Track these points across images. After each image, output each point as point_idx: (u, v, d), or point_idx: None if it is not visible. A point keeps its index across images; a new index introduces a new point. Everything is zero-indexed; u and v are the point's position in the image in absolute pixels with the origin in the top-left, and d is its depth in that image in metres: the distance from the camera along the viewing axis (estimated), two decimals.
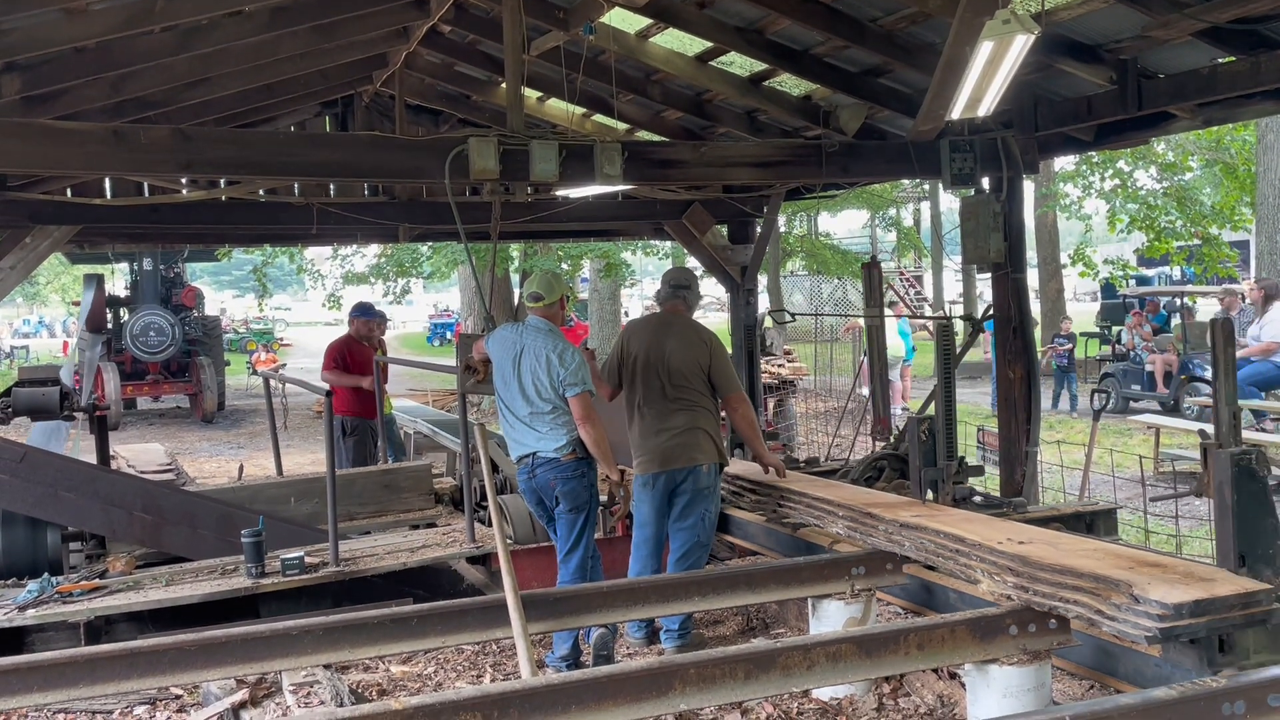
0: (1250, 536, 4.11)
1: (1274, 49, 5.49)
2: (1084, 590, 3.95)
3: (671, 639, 5.73)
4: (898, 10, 6.27)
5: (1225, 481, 4.11)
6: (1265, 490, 4.15)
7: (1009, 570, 4.28)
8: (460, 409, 6.72)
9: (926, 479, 5.76)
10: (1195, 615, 3.64)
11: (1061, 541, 4.62)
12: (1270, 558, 4.11)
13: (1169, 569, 4.07)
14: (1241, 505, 4.12)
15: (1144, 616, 3.69)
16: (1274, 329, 11.35)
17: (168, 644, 4.12)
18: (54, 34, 5.45)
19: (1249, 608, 3.74)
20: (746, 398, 6.12)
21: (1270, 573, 4.07)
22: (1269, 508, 4.15)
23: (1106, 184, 17.21)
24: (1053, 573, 4.09)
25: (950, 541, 4.71)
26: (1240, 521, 4.12)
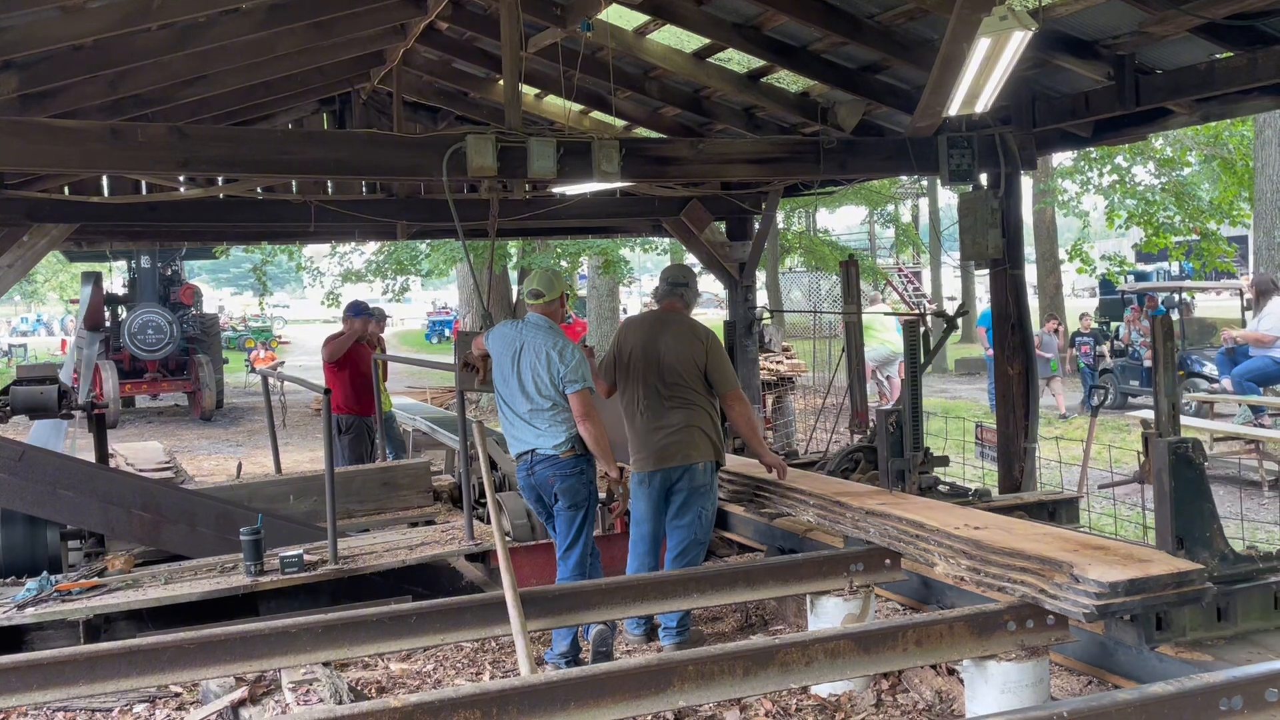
0: (1187, 520, 4.31)
1: (1271, 45, 5.49)
2: (1030, 571, 4.15)
3: (670, 636, 5.73)
4: (895, 6, 6.27)
5: (1163, 469, 4.31)
6: (1202, 477, 4.35)
7: (963, 554, 4.50)
8: (459, 406, 6.72)
9: (894, 469, 5.97)
10: (1130, 593, 3.84)
11: (1015, 527, 4.83)
12: (1207, 540, 4.32)
13: (1111, 551, 4.29)
14: (1179, 491, 4.32)
15: (1083, 595, 3.88)
16: (1270, 322, 11.36)
17: (167, 642, 4.12)
18: (51, 32, 5.44)
19: (1182, 586, 3.95)
20: (744, 396, 6.11)
21: (1206, 554, 4.27)
22: (1205, 494, 4.36)
23: (1105, 180, 17.21)
24: (1003, 555, 4.29)
25: (911, 527, 4.91)
26: (1178, 506, 4.31)
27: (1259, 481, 9.57)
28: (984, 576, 4.35)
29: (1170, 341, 4.55)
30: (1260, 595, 4.35)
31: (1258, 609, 4.35)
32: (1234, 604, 4.31)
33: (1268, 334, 11.33)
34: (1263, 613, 4.35)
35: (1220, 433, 10.48)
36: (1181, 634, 4.20)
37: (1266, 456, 9.71)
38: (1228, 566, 4.33)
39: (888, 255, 38.08)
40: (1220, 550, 4.35)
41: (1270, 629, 4.33)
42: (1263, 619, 4.33)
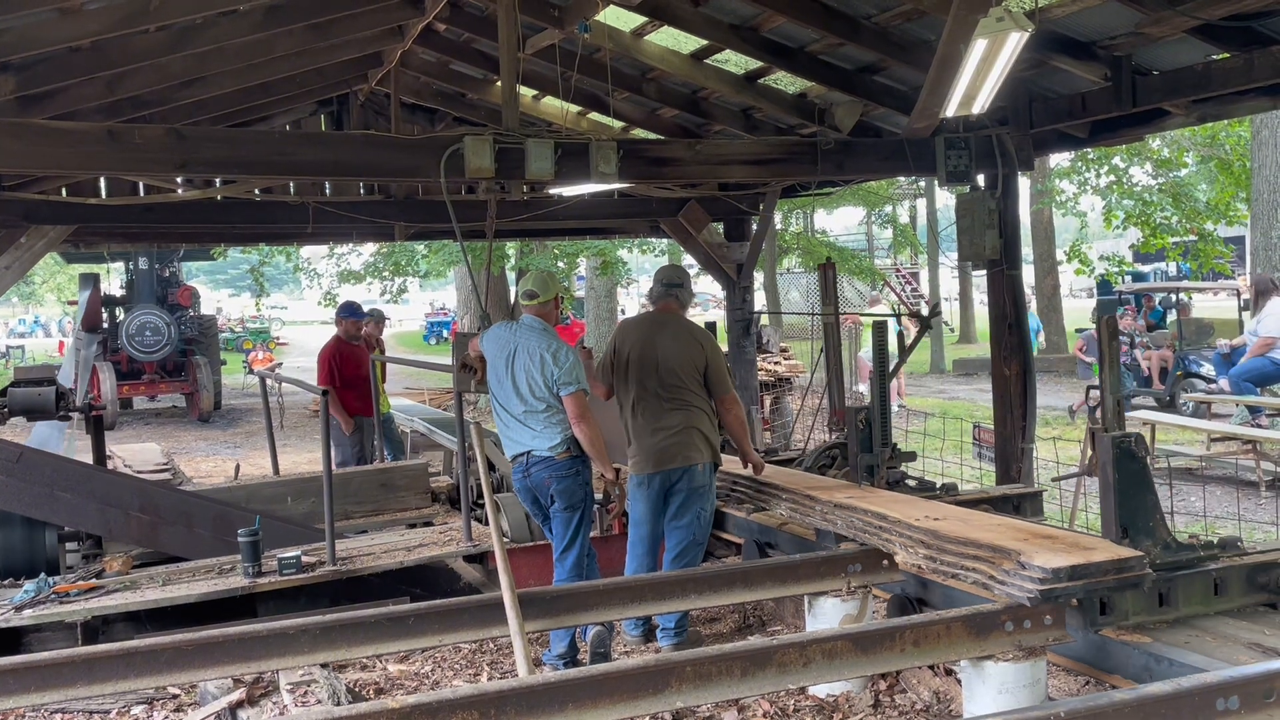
0: (1131, 511, 4.50)
1: (1267, 45, 5.50)
2: (981, 559, 4.34)
3: (668, 637, 5.73)
4: (892, 7, 6.27)
5: (1108, 462, 4.51)
6: (1145, 469, 4.55)
7: (921, 543, 4.68)
8: (457, 408, 6.72)
9: (863, 464, 6.21)
10: (1072, 579, 4.03)
11: (972, 519, 5.00)
12: (1150, 529, 4.50)
13: (1058, 540, 4.46)
14: (1122, 483, 4.50)
15: (1028, 580, 4.06)
16: (1270, 324, 11.37)
17: (165, 644, 4.12)
18: (49, 33, 5.45)
19: (1122, 572, 4.13)
20: (739, 400, 6.13)
21: (1149, 543, 4.45)
22: (1148, 485, 4.55)
23: (1102, 180, 17.23)
24: (957, 544, 4.48)
25: (875, 519, 5.09)
26: (1121, 497, 4.50)
27: (1256, 482, 9.58)
28: (939, 564, 4.55)
29: (1115, 342, 4.75)
30: (1201, 581, 4.53)
31: (1198, 594, 4.52)
32: (1175, 590, 4.48)
33: (1269, 337, 11.34)
34: (1203, 598, 4.52)
35: (1217, 433, 10.48)
36: (1124, 618, 4.36)
37: (1263, 457, 9.72)
38: (1170, 554, 4.52)
39: (885, 256, 38.09)
40: (1163, 539, 4.54)
41: (1210, 614, 4.49)
42: (1203, 604, 4.51)
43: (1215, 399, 12.12)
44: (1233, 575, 4.59)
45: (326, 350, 9.45)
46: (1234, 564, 4.62)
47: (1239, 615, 4.53)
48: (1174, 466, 9.78)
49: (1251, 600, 4.60)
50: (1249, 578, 4.62)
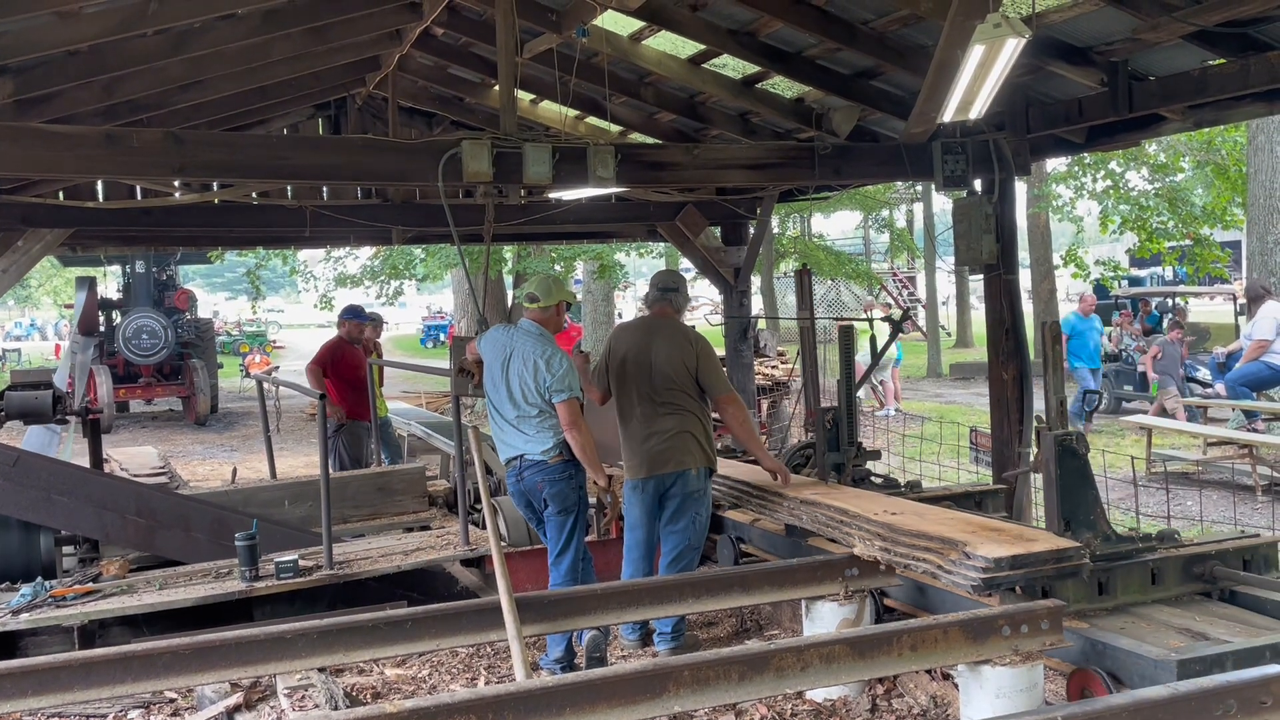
0: (1072, 504, 4.78)
1: (1263, 51, 5.51)
2: (931, 550, 4.58)
3: (665, 641, 5.73)
4: (890, 13, 6.28)
5: (1050, 459, 4.80)
6: (1085, 465, 4.82)
7: (877, 535, 4.96)
8: (454, 411, 6.72)
9: (830, 462, 6.40)
10: (1013, 568, 4.28)
11: (928, 513, 5.23)
12: (1091, 522, 4.77)
13: (1004, 532, 4.72)
14: (1064, 478, 4.79)
15: (971, 569, 4.31)
16: (1263, 328, 11.39)
17: (162, 648, 4.11)
18: (47, 37, 5.44)
19: (1061, 562, 4.37)
20: (738, 398, 6.11)
21: (1090, 535, 4.71)
22: (1089, 480, 4.81)
23: (1098, 185, 17.24)
24: (910, 536, 4.75)
25: (837, 514, 5.36)
26: (1063, 492, 4.79)
27: (1252, 486, 9.59)
28: (893, 555, 4.81)
29: (1058, 346, 5.07)
30: (1139, 571, 4.80)
31: (1136, 584, 4.80)
32: (1114, 579, 4.75)
33: (1263, 340, 11.36)
34: (1140, 587, 4.80)
35: (1214, 437, 10.50)
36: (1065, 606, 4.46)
37: (1260, 461, 9.74)
38: (1109, 546, 4.77)
39: (883, 260, 38.14)
40: (1103, 531, 4.79)
41: (1148, 601, 4.76)
42: (1140, 593, 4.78)
43: (1211, 403, 12.14)
44: (1169, 566, 4.86)
45: (329, 344, 9.54)
46: (1170, 555, 4.89)
47: (1175, 603, 4.79)
48: (1171, 471, 9.80)
49: (1187, 589, 4.87)
50: (1185, 568, 4.89)
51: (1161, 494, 8.20)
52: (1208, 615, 4.64)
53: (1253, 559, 5.04)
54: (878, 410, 16.13)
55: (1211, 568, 4.89)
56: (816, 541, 5.77)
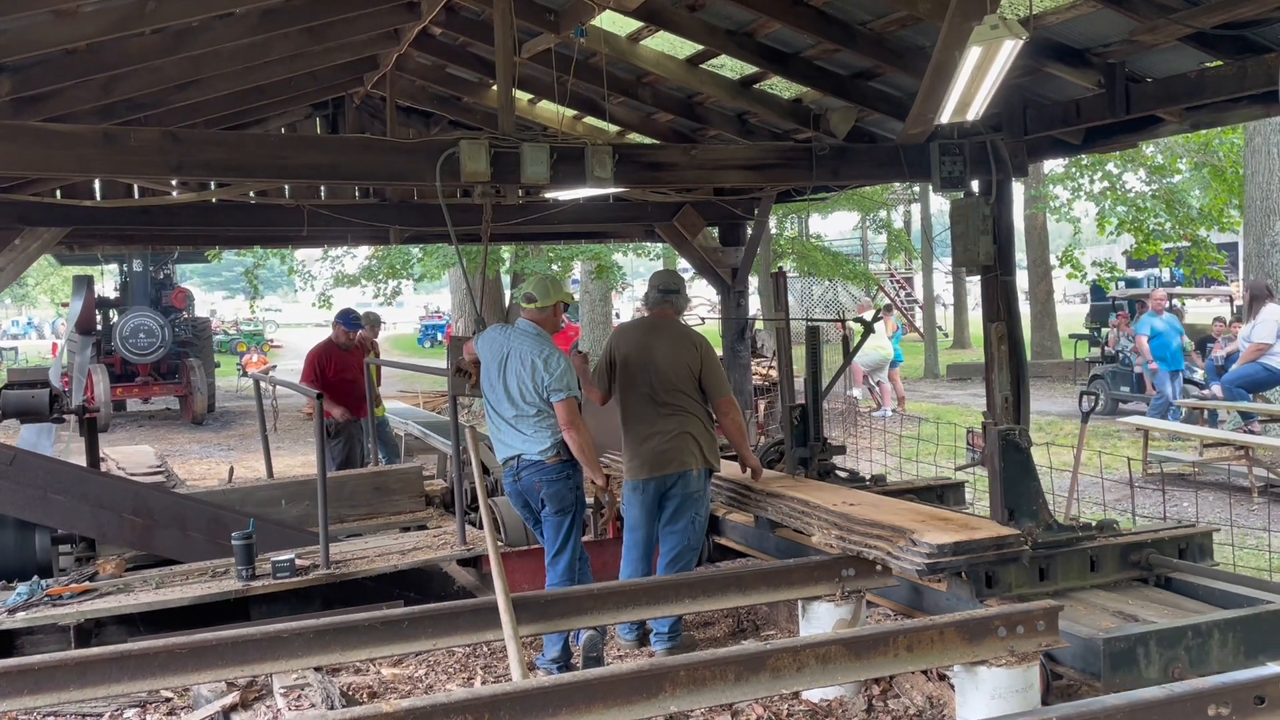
0: (1016, 495, 5.08)
1: (1260, 54, 5.52)
2: (883, 537, 4.87)
3: (662, 641, 5.74)
4: (887, 14, 6.28)
5: (995, 452, 5.12)
6: (1028, 459, 5.14)
7: (834, 525, 5.26)
8: (451, 411, 6.72)
9: (796, 457, 6.73)
10: (955, 554, 4.59)
11: (883, 504, 5.58)
12: (1033, 512, 5.06)
13: (951, 521, 5.02)
14: (1007, 471, 5.10)
15: (917, 555, 4.61)
16: (1264, 330, 11.40)
17: (158, 647, 4.11)
18: (44, 36, 5.44)
19: (1001, 549, 4.70)
20: (736, 403, 6.14)
21: (1032, 524, 4.99)
22: (1031, 473, 5.14)
23: (1096, 186, 17.26)
24: (864, 525, 5.05)
25: (800, 505, 5.68)
26: (1007, 484, 5.09)
27: (1248, 488, 9.61)
28: (848, 542, 5.09)
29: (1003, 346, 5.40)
30: (1078, 558, 5.10)
31: (1076, 570, 5.09)
32: (1054, 565, 5.04)
33: (1262, 342, 11.37)
34: (1079, 573, 5.09)
35: (1210, 439, 10.52)
36: (1007, 589, 4.87)
37: (1256, 463, 9.75)
38: (1051, 534, 5.06)
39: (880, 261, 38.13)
40: (1044, 520, 5.08)
41: (1086, 586, 5.05)
42: (1079, 579, 5.07)
43: (1208, 405, 12.15)
44: (1107, 553, 5.16)
45: (315, 350, 9.56)
46: (1109, 543, 5.20)
47: (1112, 589, 5.08)
48: (1167, 472, 9.80)
49: (1125, 575, 5.17)
50: (1122, 555, 5.20)
51: (1158, 495, 8.20)
52: (1141, 599, 4.93)
53: (1188, 548, 5.36)
54: (874, 411, 16.13)
55: (1147, 555, 5.19)
56: (783, 532, 6.01)
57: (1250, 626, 4.46)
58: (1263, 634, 4.46)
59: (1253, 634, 4.44)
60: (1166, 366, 13.88)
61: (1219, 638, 4.38)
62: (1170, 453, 11.04)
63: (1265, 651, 4.40)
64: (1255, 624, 4.48)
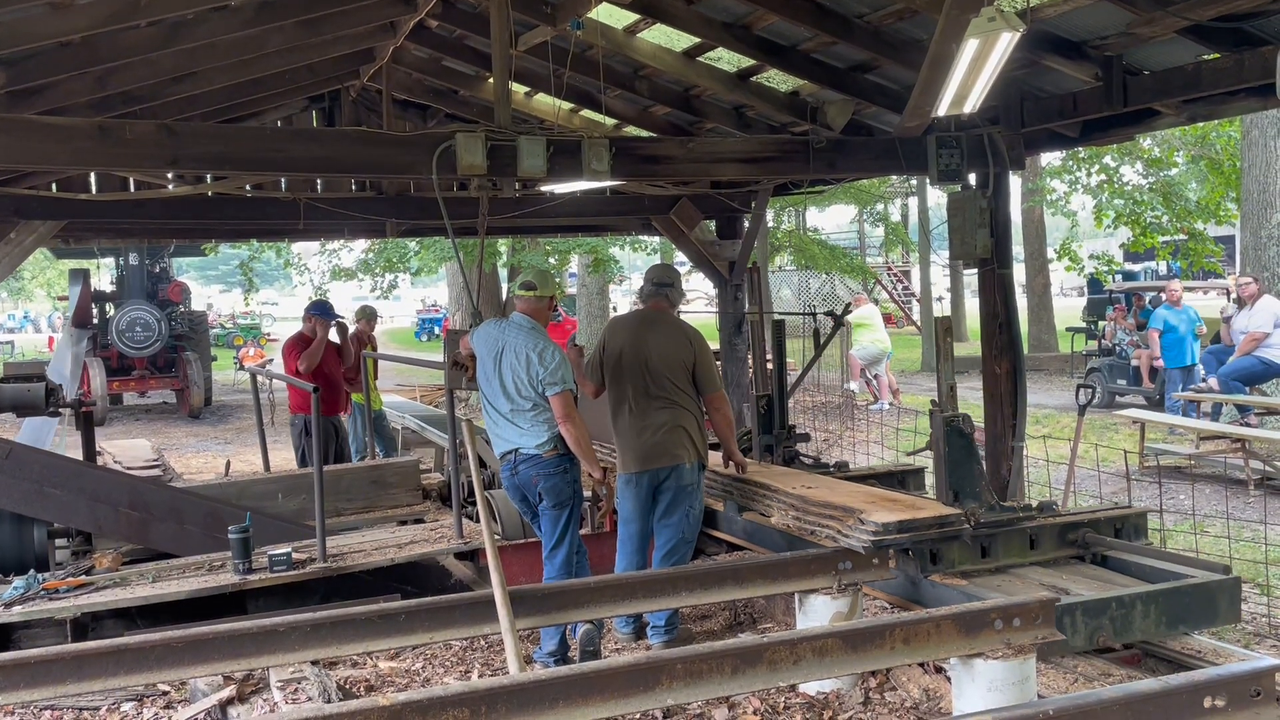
0: (960, 478, 5.41)
1: (1257, 46, 5.52)
2: (834, 517, 5.24)
3: (658, 634, 5.74)
4: (884, 6, 6.28)
5: (940, 438, 5.45)
6: (971, 444, 5.47)
7: (791, 506, 5.64)
8: (448, 405, 6.72)
9: (762, 444, 7.09)
10: (900, 531, 4.98)
11: (839, 487, 5.95)
12: (976, 494, 5.40)
13: (899, 502, 5.44)
14: (952, 455, 5.44)
15: (864, 532, 4.99)
16: (1261, 319, 11.41)
17: (155, 640, 4.11)
18: (39, 28, 5.42)
19: (943, 527, 5.07)
20: (727, 398, 6.16)
21: (975, 505, 5.33)
22: (975, 456, 5.49)
23: (1093, 179, 17.26)
24: (818, 507, 5.43)
25: (760, 489, 6.08)
26: (951, 467, 5.42)
27: (1245, 480, 9.62)
28: (803, 522, 5.45)
29: (949, 338, 5.71)
30: (1018, 537, 5.42)
31: (1016, 548, 5.41)
32: (996, 543, 5.37)
33: (1260, 331, 11.38)
34: (1020, 551, 5.42)
35: (1207, 431, 10.52)
36: (951, 566, 5.21)
37: (1252, 455, 9.76)
38: (993, 514, 5.37)
39: (877, 254, 38.15)
40: (987, 501, 5.41)
41: (1025, 563, 5.38)
42: (1020, 556, 5.40)
43: (1205, 398, 12.16)
44: (1046, 532, 5.48)
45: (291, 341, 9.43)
46: (1047, 523, 5.50)
47: (1050, 565, 5.39)
48: (1163, 465, 9.81)
49: (1063, 553, 5.48)
50: (1060, 534, 5.51)
51: (1154, 488, 8.21)
52: (1075, 575, 5.25)
53: (1124, 527, 5.65)
54: (871, 405, 16.13)
55: (1084, 534, 5.49)
56: (750, 516, 6.33)
57: (1170, 599, 4.77)
58: (1182, 606, 4.79)
59: (1173, 606, 4.76)
60: (1175, 363, 13.67)
61: (1141, 609, 4.69)
62: (1167, 446, 11.05)
63: (1184, 622, 4.77)
64: (1175, 596, 4.80)
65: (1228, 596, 4.92)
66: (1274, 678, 3.53)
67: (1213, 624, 5.01)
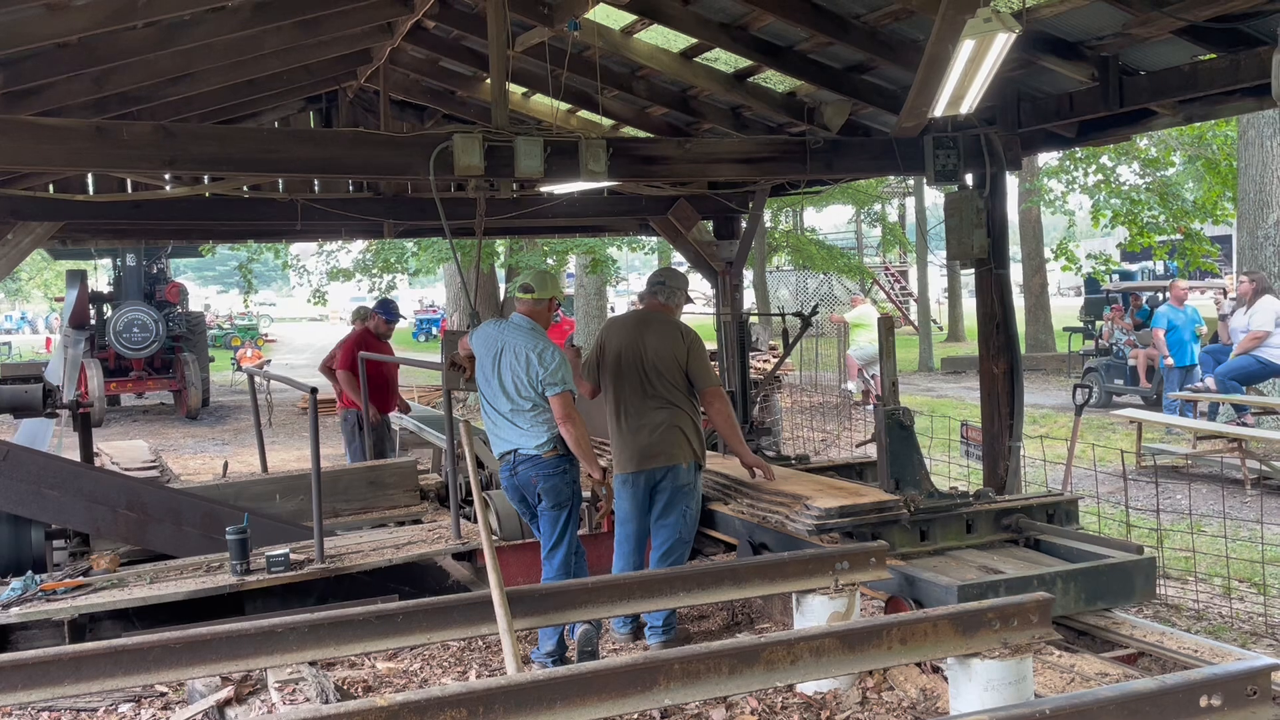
0: (900, 467, 5.82)
1: (1253, 46, 5.53)
2: (783, 504, 5.76)
3: (656, 634, 5.75)
4: (881, 7, 6.29)
5: (882, 430, 5.88)
6: (911, 435, 5.88)
7: (746, 495, 6.15)
8: (446, 406, 6.72)
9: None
10: (841, 516, 5.46)
11: (792, 477, 6.40)
12: (916, 482, 5.80)
13: (844, 490, 5.95)
14: (893, 446, 5.84)
15: (808, 517, 5.47)
16: (1261, 318, 11.41)
17: (152, 641, 4.11)
18: (36, 29, 5.42)
19: (882, 512, 5.53)
20: (724, 393, 6.13)
21: (915, 492, 5.72)
22: (915, 447, 5.89)
23: (1090, 179, 17.28)
24: (770, 495, 5.97)
25: (720, 479, 6.56)
26: (892, 457, 5.83)
27: (1241, 480, 9.63)
28: (756, 509, 5.98)
29: (891, 337, 6.10)
30: (955, 522, 5.81)
31: (953, 532, 5.80)
32: (934, 528, 5.75)
33: (1261, 330, 11.38)
34: (957, 534, 5.81)
35: (1204, 431, 10.53)
36: (893, 548, 5.45)
37: (1249, 455, 9.77)
38: (932, 501, 5.76)
39: (875, 254, 38.17)
40: (926, 489, 5.80)
41: (963, 546, 5.76)
42: (957, 539, 5.80)
43: (1202, 397, 12.17)
44: (982, 517, 5.87)
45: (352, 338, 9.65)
46: (983, 509, 5.90)
47: (985, 548, 5.76)
48: (1160, 464, 9.82)
49: (998, 537, 5.87)
50: (995, 519, 5.90)
51: (1151, 487, 8.22)
52: (1007, 557, 5.64)
53: (1055, 513, 6.04)
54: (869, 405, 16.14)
55: (1017, 519, 5.87)
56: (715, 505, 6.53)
57: (1089, 577, 5.18)
58: (1101, 584, 5.19)
59: (1091, 583, 5.16)
60: (1176, 362, 13.68)
61: (1062, 586, 5.05)
62: (1164, 445, 11.06)
63: (1103, 598, 5.17)
64: (1093, 575, 5.20)
65: (1143, 575, 5.31)
66: (1270, 677, 3.53)
67: (1129, 601, 5.40)
